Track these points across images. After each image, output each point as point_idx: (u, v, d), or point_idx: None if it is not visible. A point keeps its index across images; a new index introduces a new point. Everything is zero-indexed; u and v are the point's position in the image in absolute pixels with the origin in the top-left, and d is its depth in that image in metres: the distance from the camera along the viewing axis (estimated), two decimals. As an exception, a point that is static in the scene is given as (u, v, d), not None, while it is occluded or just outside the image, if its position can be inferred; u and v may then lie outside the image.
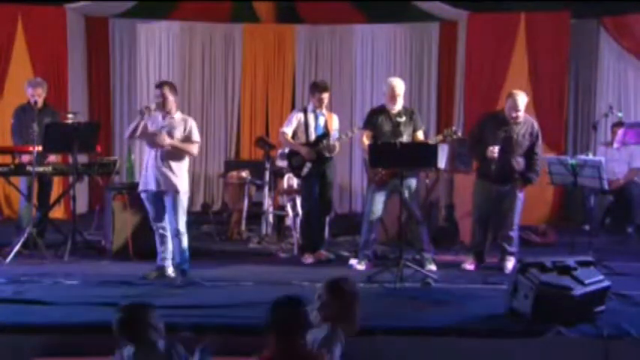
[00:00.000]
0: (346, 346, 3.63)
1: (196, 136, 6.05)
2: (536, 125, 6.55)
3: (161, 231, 6.04)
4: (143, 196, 6.06)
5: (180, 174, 5.95)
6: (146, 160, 6.06)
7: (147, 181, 5.98)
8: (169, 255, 6.06)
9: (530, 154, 6.48)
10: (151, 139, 5.97)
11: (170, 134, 5.93)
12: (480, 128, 6.63)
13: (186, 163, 6.03)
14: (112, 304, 5.15)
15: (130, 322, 3.53)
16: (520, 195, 6.55)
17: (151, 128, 5.96)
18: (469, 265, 6.66)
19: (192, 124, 6.05)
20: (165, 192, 5.92)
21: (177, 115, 6.04)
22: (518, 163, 6.46)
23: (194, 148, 6.05)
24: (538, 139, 6.51)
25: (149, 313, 3.58)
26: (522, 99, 6.38)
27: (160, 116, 5.99)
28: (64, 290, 5.64)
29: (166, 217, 5.98)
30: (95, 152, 7.50)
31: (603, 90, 9.79)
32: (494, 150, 6.36)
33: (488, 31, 9.57)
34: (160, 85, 6.01)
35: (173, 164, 5.92)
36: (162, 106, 5.94)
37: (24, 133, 7.18)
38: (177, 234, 5.93)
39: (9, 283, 5.78)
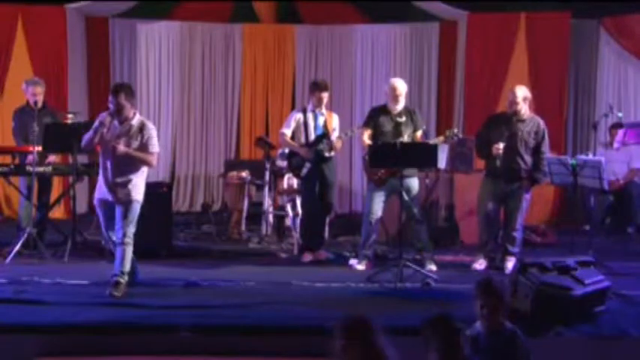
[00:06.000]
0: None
1: (154, 146, 5.58)
2: (542, 124, 6.53)
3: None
4: (97, 203, 5.68)
5: (135, 182, 5.56)
6: (101, 167, 5.64)
7: (103, 189, 5.60)
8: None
9: (536, 154, 6.48)
10: (106, 147, 5.54)
11: (127, 143, 5.50)
12: (486, 128, 6.65)
13: (143, 171, 5.63)
14: (111, 304, 5.18)
15: None
16: (527, 196, 6.54)
17: (106, 135, 5.51)
18: (479, 265, 6.62)
19: (152, 133, 5.57)
20: (118, 201, 5.53)
21: (135, 121, 5.56)
22: (525, 161, 6.45)
23: (152, 159, 5.60)
24: (544, 138, 6.50)
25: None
26: (521, 91, 6.47)
27: (116, 121, 5.52)
28: (64, 290, 5.63)
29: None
30: (95, 152, 7.48)
31: (603, 90, 9.79)
32: (499, 147, 6.38)
33: (489, 31, 9.57)
34: (116, 93, 5.47)
35: (128, 172, 5.52)
36: (118, 114, 5.48)
37: (25, 134, 7.18)
38: (123, 242, 5.52)
39: (9, 283, 5.77)
